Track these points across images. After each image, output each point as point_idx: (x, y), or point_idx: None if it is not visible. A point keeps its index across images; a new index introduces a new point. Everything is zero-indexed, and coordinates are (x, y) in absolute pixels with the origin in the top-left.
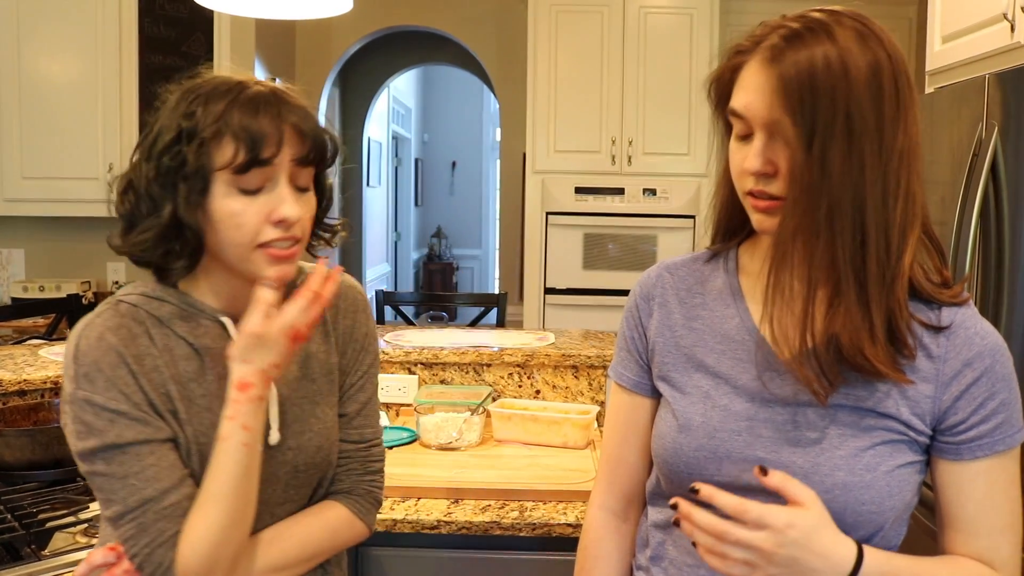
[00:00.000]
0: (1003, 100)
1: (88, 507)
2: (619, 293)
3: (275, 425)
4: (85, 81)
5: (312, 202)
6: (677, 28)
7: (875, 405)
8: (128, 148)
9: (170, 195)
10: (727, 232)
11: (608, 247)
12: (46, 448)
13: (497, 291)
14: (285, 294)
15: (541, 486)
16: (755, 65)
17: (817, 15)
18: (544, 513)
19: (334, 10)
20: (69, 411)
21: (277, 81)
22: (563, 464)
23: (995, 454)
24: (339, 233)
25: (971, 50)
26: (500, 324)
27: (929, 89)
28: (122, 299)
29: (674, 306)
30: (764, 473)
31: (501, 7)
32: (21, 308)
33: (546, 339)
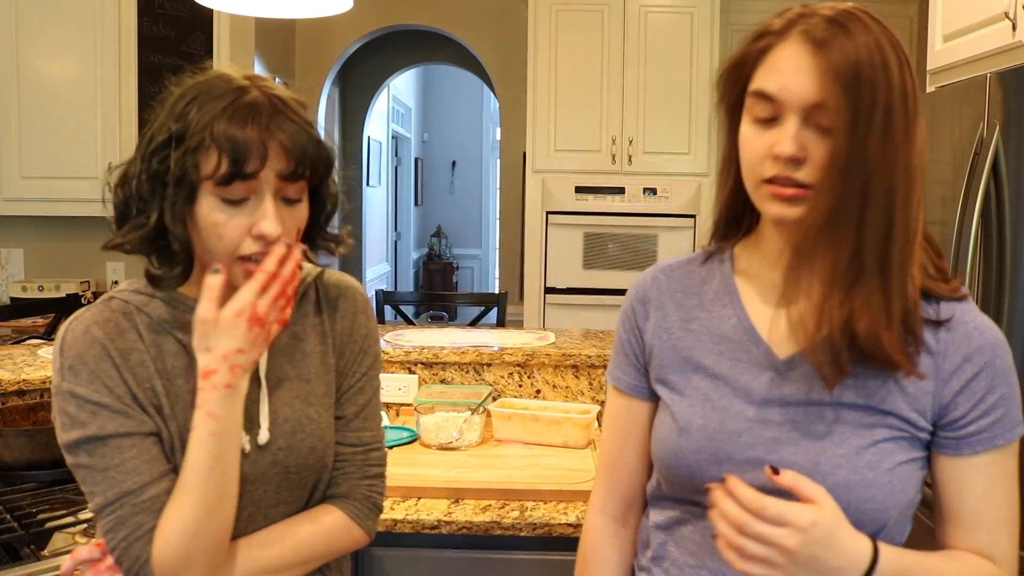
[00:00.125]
0: (1004, 99)
1: (87, 507)
2: (619, 293)
3: (265, 424)
4: (84, 80)
5: (301, 214)
6: (677, 27)
7: (875, 402)
8: (127, 147)
9: (158, 198)
10: (726, 230)
11: (608, 246)
12: (45, 448)
13: (497, 291)
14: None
15: (542, 486)
16: (793, 48)
17: (846, 8)
18: (545, 513)
19: (334, 9)
20: (55, 403)
21: (277, 80)
22: (564, 464)
23: (995, 449)
24: (343, 243)
25: (972, 49)
26: (500, 324)
27: (930, 88)
28: (115, 295)
29: (671, 308)
30: (776, 472)
31: (501, 6)
32: (20, 308)
33: (546, 339)
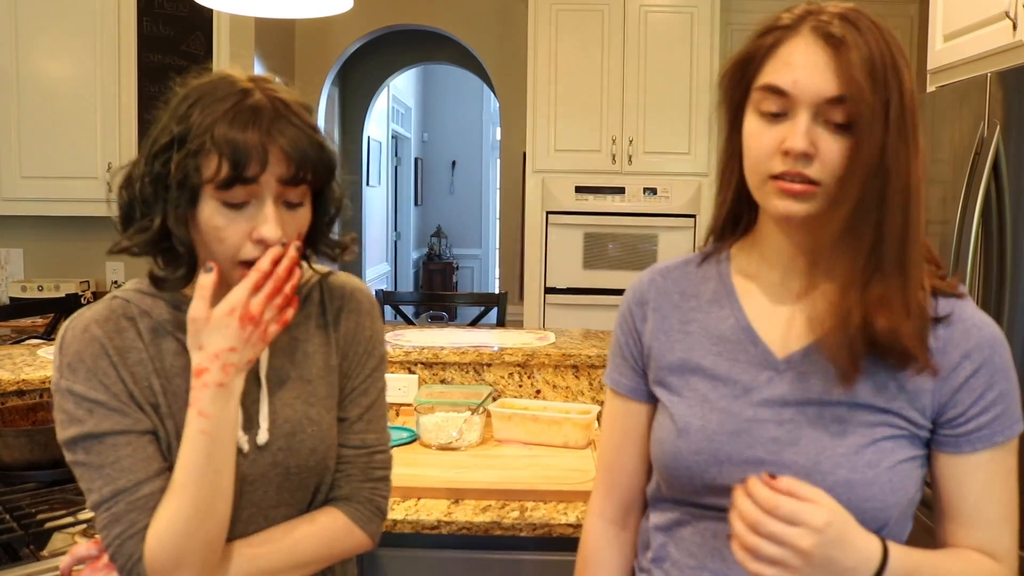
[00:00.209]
0: (1005, 99)
1: (86, 507)
2: (619, 293)
3: (264, 424)
4: (84, 80)
5: (303, 218)
6: (678, 27)
7: (875, 400)
8: (127, 147)
9: (161, 200)
10: (723, 231)
11: (608, 246)
12: (44, 448)
13: (497, 291)
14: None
15: (542, 486)
16: (805, 43)
17: (853, 7)
18: (545, 513)
19: (334, 9)
20: (55, 399)
21: (278, 80)
22: (564, 464)
23: (994, 446)
24: (347, 249)
25: (973, 48)
26: (500, 324)
27: (931, 88)
28: (118, 294)
29: (668, 310)
30: (773, 478)
31: (501, 6)
32: (20, 308)
33: (546, 339)
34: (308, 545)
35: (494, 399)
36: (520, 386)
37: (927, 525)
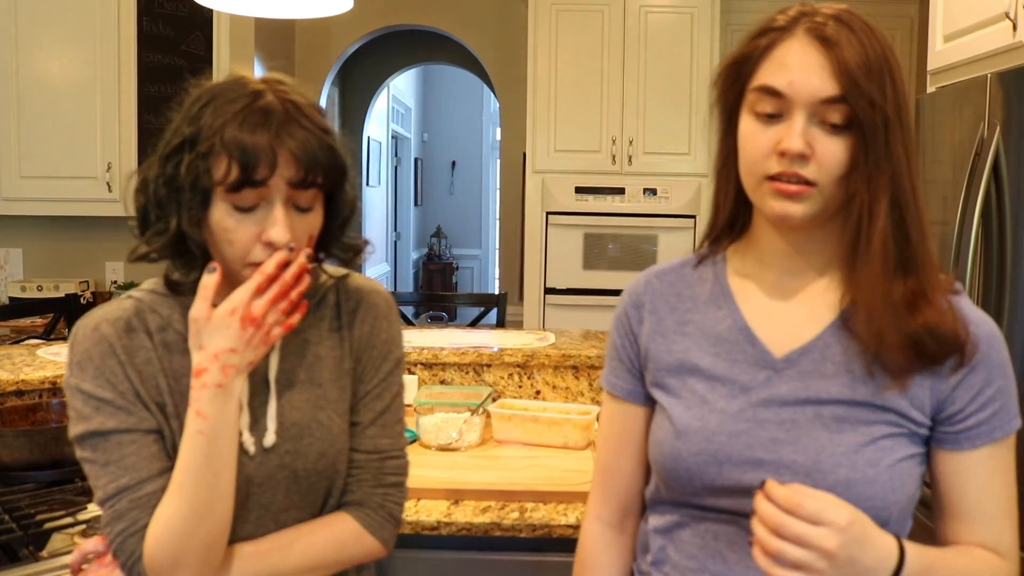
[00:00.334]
0: (1005, 99)
1: (86, 508)
2: (619, 293)
3: (272, 427)
4: (84, 80)
5: (313, 222)
6: (677, 27)
7: (874, 398)
8: (127, 147)
9: (175, 202)
10: (720, 232)
11: (608, 247)
12: (44, 449)
13: (497, 291)
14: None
15: (541, 487)
16: (800, 44)
17: (846, 8)
18: (544, 514)
19: (334, 9)
20: (66, 397)
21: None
22: (563, 465)
23: (993, 442)
24: (360, 251)
25: (973, 49)
26: (500, 324)
27: (931, 88)
28: (132, 294)
29: (664, 312)
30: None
31: (501, 6)
32: (19, 308)
33: (546, 339)
34: (317, 549)
35: (494, 400)
36: (520, 387)
37: (925, 524)
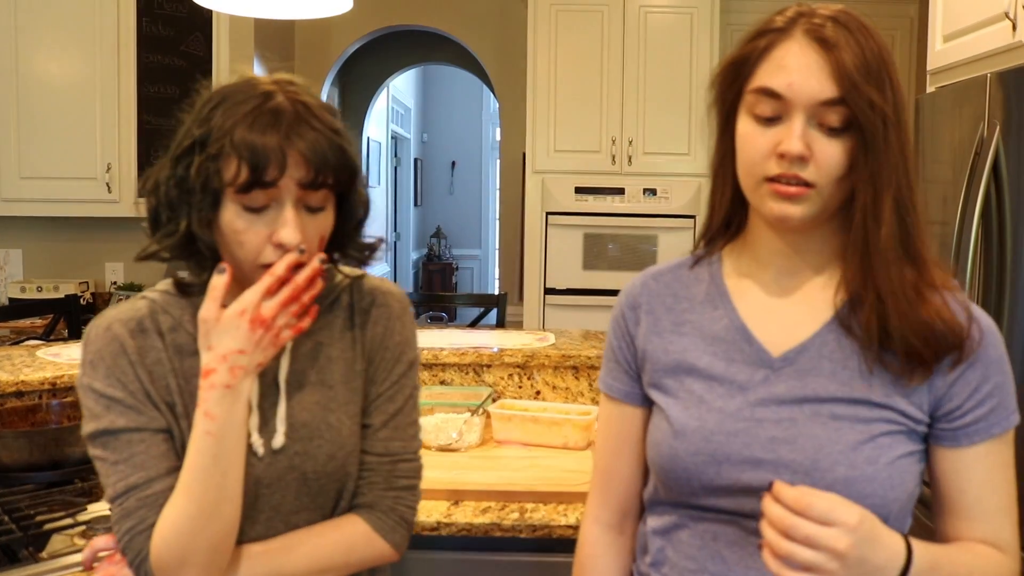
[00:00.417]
0: (1004, 99)
1: (86, 509)
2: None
3: (281, 428)
4: (83, 81)
5: (324, 222)
6: (677, 27)
7: (872, 396)
8: (126, 148)
9: (185, 204)
10: (716, 232)
11: (608, 247)
12: (43, 450)
13: (497, 291)
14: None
15: (541, 487)
16: (799, 46)
17: (843, 9)
18: (544, 515)
19: (334, 10)
20: (79, 395)
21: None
22: (563, 465)
23: (992, 438)
24: (376, 251)
25: (972, 49)
26: (500, 325)
27: (930, 88)
28: (145, 294)
29: (661, 313)
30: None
31: (501, 7)
32: (19, 309)
33: (546, 340)
34: (326, 551)
35: (494, 400)
36: (520, 387)
37: (924, 523)
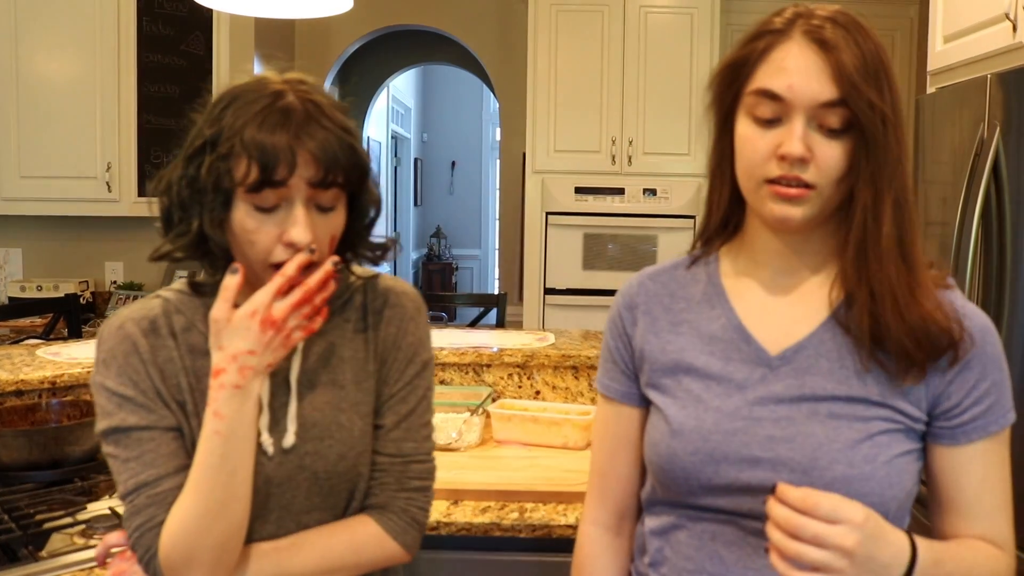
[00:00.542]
0: (1005, 100)
1: (86, 508)
2: None
3: (292, 428)
4: (83, 80)
5: (335, 222)
6: (677, 28)
7: (870, 394)
8: (126, 147)
9: (197, 204)
10: (714, 233)
11: (608, 247)
12: (43, 449)
13: (497, 291)
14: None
15: (541, 487)
16: (799, 48)
17: (841, 10)
18: (544, 514)
19: (334, 9)
20: (92, 393)
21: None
22: (563, 465)
23: (989, 436)
24: (388, 251)
25: (973, 50)
26: (500, 324)
27: (931, 89)
28: (160, 293)
29: (658, 313)
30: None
31: (501, 7)
32: (18, 308)
33: (546, 340)
34: (336, 551)
35: (493, 400)
36: (519, 387)
37: (920, 522)
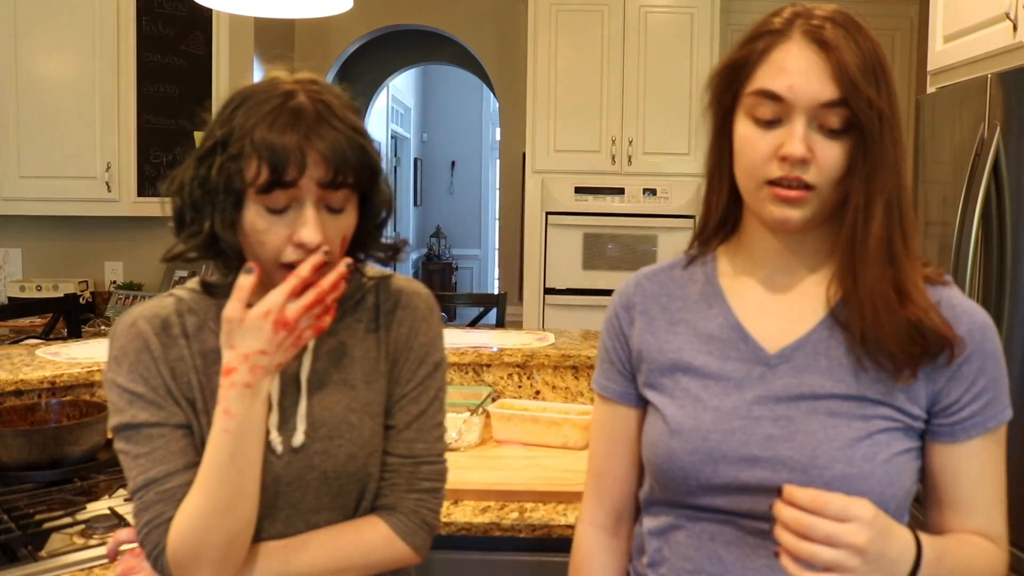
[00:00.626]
0: (1005, 100)
1: (85, 508)
2: None
3: (301, 427)
4: (83, 80)
5: (346, 223)
6: (677, 27)
7: (869, 392)
8: (126, 147)
9: (209, 204)
10: (711, 233)
11: (608, 247)
12: (43, 448)
13: (496, 291)
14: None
15: (541, 487)
16: (799, 48)
17: (839, 9)
18: (544, 514)
19: (334, 9)
20: (105, 390)
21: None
22: (563, 465)
23: (987, 432)
24: (400, 252)
25: (973, 50)
26: (500, 324)
27: (931, 89)
28: (173, 291)
29: (655, 313)
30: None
31: (501, 6)
32: (18, 308)
33: (546, 339)
34: (344, 552)
35: (493, 400)
36: (519, 387)
37: (917, 519)
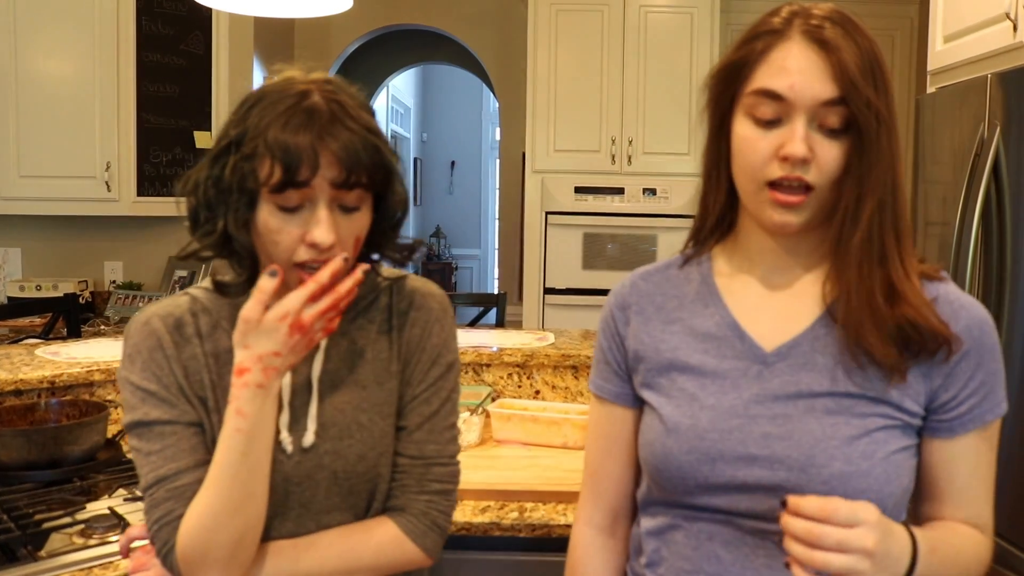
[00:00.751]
0: (1005, 100)
1: (85, 507)
2: None
3: (312, 427)
4: (82, 79)
5: (360, 223)
6: (677, 27)
7: (867, 391)
8: (126, 147)
9: (223, 204)
10: (708, 233)
11: (608, 247)
12: (42, 448)
13: (496, 291)
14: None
15: (541, 487)
16: (799, 48)
17: (837, 9)
18: (544, 514)
19: (334, 8)
20: (119, 388)
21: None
22: (563, 464)
23: (984, 425)
24: (415, 252)
25: (973, 50)
26: (499, 324)
27: (931, 89)
28: (188, 290)
29: (651, 312)
30: (784, 505)
31: (501, 6)
32: (18, 307)
33: (546, 339)
34: (354, 552)
35: (493, 399)
36: (519, 387)
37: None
